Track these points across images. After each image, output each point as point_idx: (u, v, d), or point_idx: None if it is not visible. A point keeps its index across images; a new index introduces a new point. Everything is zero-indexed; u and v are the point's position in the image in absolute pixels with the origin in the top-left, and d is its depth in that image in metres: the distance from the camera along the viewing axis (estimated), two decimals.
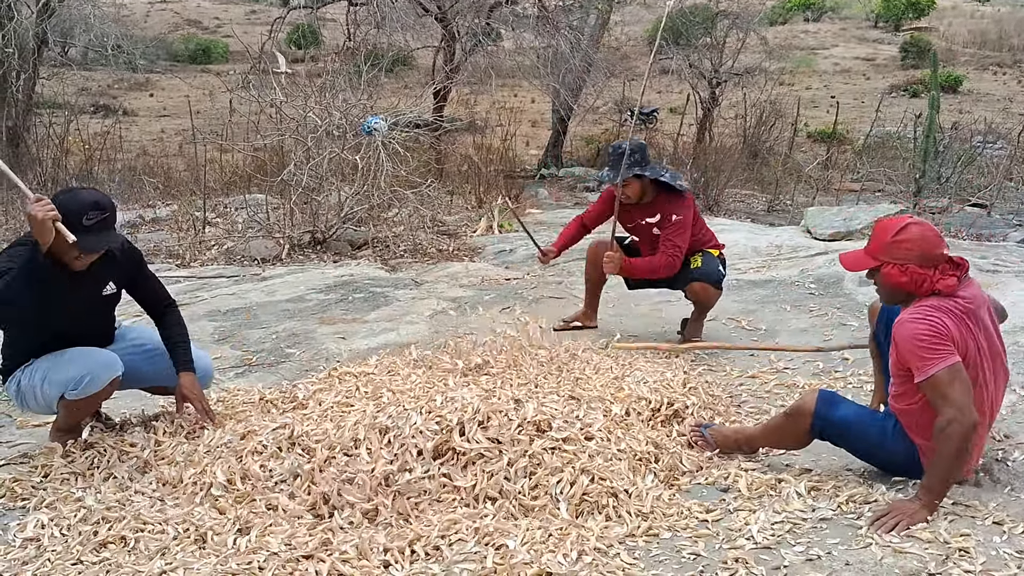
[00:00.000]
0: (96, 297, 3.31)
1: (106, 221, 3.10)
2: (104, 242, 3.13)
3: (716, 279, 4.52)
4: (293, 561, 2.49)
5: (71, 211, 2.98)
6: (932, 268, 2.77)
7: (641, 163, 4.41)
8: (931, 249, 2.79)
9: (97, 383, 3.17)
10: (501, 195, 4.57)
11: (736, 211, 10.77)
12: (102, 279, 3.30)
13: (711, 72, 15.28)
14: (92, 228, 3.04)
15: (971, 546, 2.54)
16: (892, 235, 2.82)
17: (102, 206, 3.09)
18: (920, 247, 2.78)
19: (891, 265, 2.82)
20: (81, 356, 3.21)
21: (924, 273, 2.77)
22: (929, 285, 2.77)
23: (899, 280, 2.81)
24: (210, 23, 31.55)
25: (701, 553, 2.58)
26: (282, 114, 8.17)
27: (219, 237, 7.87)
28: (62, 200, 3.03)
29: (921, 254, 2.78)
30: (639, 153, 4.39)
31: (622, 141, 4.55)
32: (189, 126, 10.32)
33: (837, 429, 3.00)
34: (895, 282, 2.82)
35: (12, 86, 10.71)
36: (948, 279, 2.77)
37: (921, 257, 2.78)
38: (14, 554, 2.63)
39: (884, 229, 2.87)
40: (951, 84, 23.06)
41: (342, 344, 4.73)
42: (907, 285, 2.80)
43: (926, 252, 2.78)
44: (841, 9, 36.96)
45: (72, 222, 2.96)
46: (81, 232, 2.99)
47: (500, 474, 2.86)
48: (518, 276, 6.44)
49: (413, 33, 13.07)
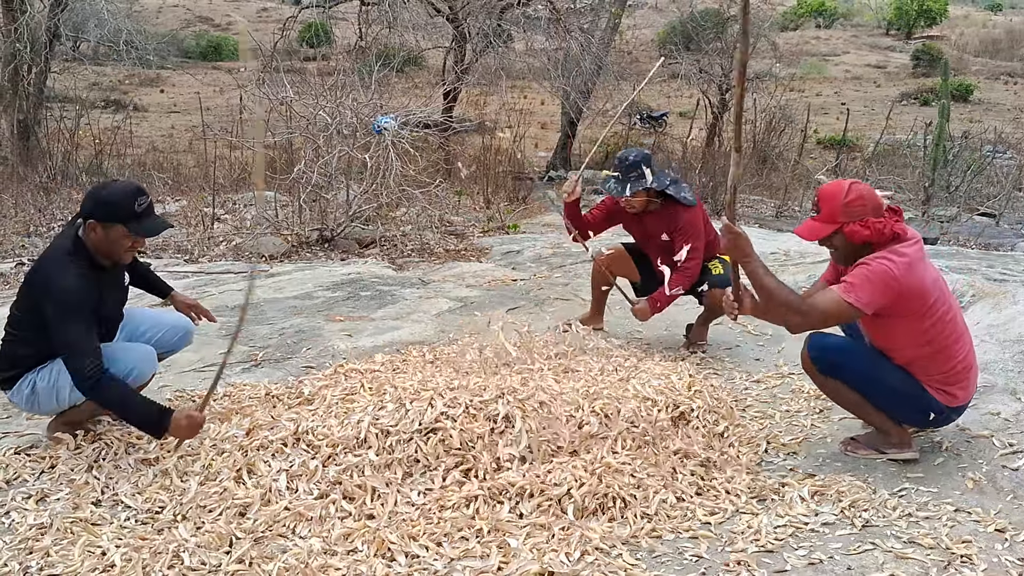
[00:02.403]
0: (123, 289, 3.38)
1: (152, 205, 3.16)
2: (161, 225, 3.21)
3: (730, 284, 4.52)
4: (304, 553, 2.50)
5: (122, 203, 3.04)
6: (883, 216, 2.98)
7: (645, 175, 4.39)
8: (876, 200, 3.00)
9: (142, 377, 3.22)
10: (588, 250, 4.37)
11: (744, 216, 10.77)
12: (122, 270, 3.35)
13: (721, 77, 15.28)
14: (144, 213, 3.10)
15: (973, 553, 2.55)
16: (844, 198, 2.99)
17: (144, 191, 3.15)
18: (870, 201, 2.99)
19: (853, 223, 2.97)
20: (121, 352, 3.22)
21: (882, 221, 2.96)
22: (890, 230, 2.96)
23: (863, 235, 2.97)
24: (221, 20, 31.66)
25: (703, 555, 2.59)
26: (292, 111, 8.21)
27: (228, 233, 7.89)
28: (106, 195, 3.07)
29: (873, 207, 2.98)
30: (645, 164, 4.38)
31: (629, 150, 4.53)
32: (199, 122, 10.36)
33: (835, 355, 3.13)
34: (860, 238, 2.98)
35: (24, 80, 10.75)
36: (900, 223, 3.00)
37: (874, 209, 2.98)
38: (23, 541, 2.65)
39: (831, 195, 3.03)
40: (962, 93, 23.04)
41: (348, 341, 4.75)
42: (871, 236, 2.96)
43: (875, 204, 2.99)
44: (853, 16, 36.93)
45: (126, 212, 3.03)
46: (134, 220, 3.06)
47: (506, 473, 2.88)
48: (525, 277, 6.44)
49: (424, 33, 13.11)
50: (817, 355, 3.18)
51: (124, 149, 11.67)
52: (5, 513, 2.83)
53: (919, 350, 3.04)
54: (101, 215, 3.02)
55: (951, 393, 3.09)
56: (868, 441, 3.26)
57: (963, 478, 3.05)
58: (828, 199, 3.03)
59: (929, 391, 3.07)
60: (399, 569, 2.49)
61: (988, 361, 3.99)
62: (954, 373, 3.07)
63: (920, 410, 3.11)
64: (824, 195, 3.06)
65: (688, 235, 4.39)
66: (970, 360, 3.12)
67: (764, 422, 3.59)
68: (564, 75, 12.51)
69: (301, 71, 10.67)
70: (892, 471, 3.12)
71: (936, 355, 3.04)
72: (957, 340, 3.07)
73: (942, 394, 3.08)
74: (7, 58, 10.67)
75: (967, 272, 5.63)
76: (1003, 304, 4.83)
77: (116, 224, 3.04)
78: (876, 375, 3.10)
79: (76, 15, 12.62)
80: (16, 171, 9.40)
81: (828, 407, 3.72)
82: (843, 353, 3.18)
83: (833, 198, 3.02)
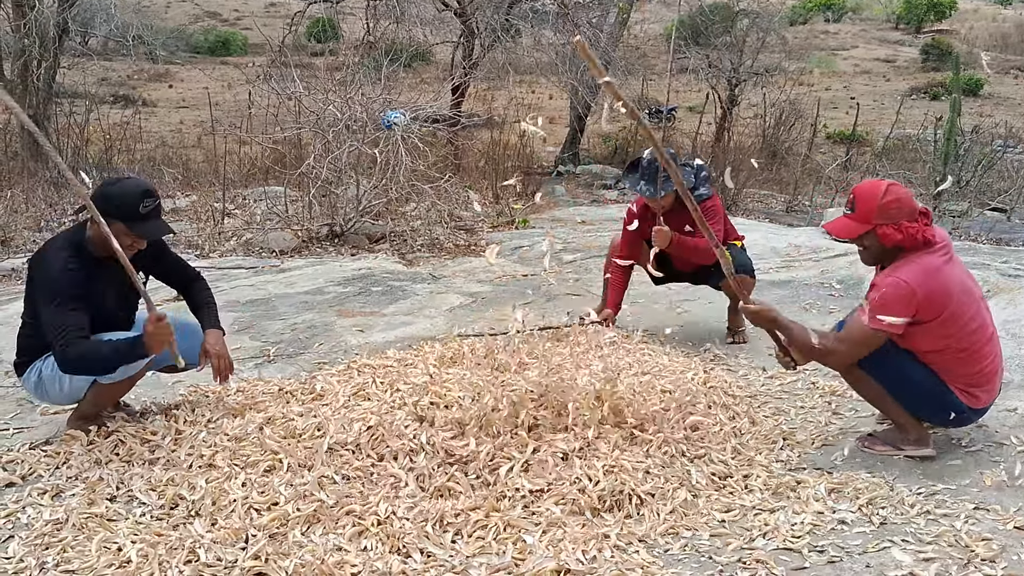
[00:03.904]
0: (128, 286, 3.30)
1: (159, 207, 3.19)
2: (163, 229, 3.21)
3: (750, 269, 4.60)
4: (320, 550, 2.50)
5: (127, 201, 3.07)
6: (916, 221, 2.97)
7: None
8: (912, 204, 2.99)
9: (133, 367, 3.19)
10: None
11: (755, 211, 10.74)
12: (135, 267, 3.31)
13: (730, 71, 15.21)
14: (149, 215, 3.13)
15: (992, 551, 2.53)
16: (881, 198, 2.97)
17: (153, 193, 3.17)
18: (906, 204, 2.97)
19: (886, 226, 2.96)
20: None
21: (915, 227, 2.95)
22: (922, 236, 2.95)
23: (895, 238, 2.96)
24: (229, 15, 31.67)
25: (721, 552, 2.58)
26: (301, 107, 8.20)
27: (237, 228, 7.90)
28: (113, 191, 3.09)
29: (908, 210, 2.96)
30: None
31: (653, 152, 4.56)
32: (208, 117, 10.36)
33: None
34: (892, 241, 2.97)
35: (33, 75, 10.76)
36: (930, 228, 2.99)
37: (909, 213, 2.96)
38: (39, 537, 2.65)
39: (868, 194, 3.01)
40: (972, 87, 22.91)
41: (360, 337, 4.74)
42: (903, 241, 2.96)
43: (910, 207, 2.97)
44: (862, 10, 36.75)
45: (129, 211, 3.06)
46: (139, 220, 3.09)
47: (516, 470, 2.87)
48: (535, 272, 6.43)
49: (432, 28, 13.08)
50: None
51: (134, 144, 11.68)
52: (21, 509, 2.83)
53: (944, 353, 3.01)
54: (105, 210, 3.00)
55: (974, 395, 3.06)
56: (886, 438, 3.24)
57: (981, 475, 3.02)
58: (864, 199, 3.02)
59: (953, 391, 3.04)
60: (415, 566, 2.48)
61: (1004, 357, 3.92)
62: (980, 375, 3.05)
63: (942, 408, 3.08)
64: (861, 194, 3.05)
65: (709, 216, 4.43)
66: (997, 364, 3.09)
67: (779, 418, 3.57)
68: (572, 70, 12.47)
69: (309, 66, 10.66)
70: (909, 468, 3.10)
71: (962, 358, 3.02)
72: (986, 343, 3.04)
73: (966, 395, 3.05)
74: (17, 53, 10.68)
75: (981, 268, 5.60)
76: (1018, 300, 4.80)
77: (117, 221, 3.03)
78: (900, 370, 3.07)
79: (85, 11, 12.63)
80: (27, 166, 9.43)
81: (843, 403, 3.71)
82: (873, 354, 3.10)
83: (870, 198, 3.00)
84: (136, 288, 2.99)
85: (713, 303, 5.07)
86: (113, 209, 3.04)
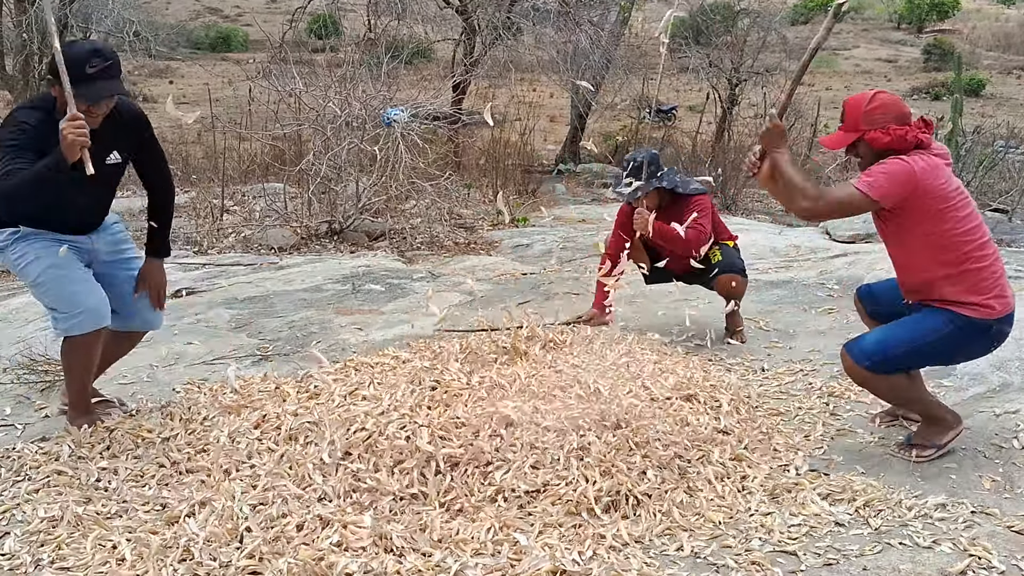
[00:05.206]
0: (99, 165, 3.07)
1: (110, 69, 2.97)
2: (109, 89, 2.98)
3: (741, 268, 4.61)
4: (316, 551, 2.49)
5: (72, 62, 2.86)
6: (907, 124, 3.00)
7: (656, 175, 4.48)
8: (902, 108, 3.05)
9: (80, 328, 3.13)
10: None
11: (754, 211, 10.72)
12: (107, 144, 3.16)
13: (731, 71, 15.19)
14: (96, 76, 2.92)
15: (991, 554, 2.52)
16: (866, 105, 3.05)
17: (104, 54, 2.97)
18: (893, 108, 3.03)
19: (874, 131, 3.02)
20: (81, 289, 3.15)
21: (904, 129, 2.99)
22: (913, 137, 2.98)
23: (884, 141, 3.00)
24: (230, 11, 31.65)
25: (717, 554, 2.57)
26: (301, 103, 8.19)
27: (236, 225, 7.89)
28: (64, 51, 2.89)
29: (896, 114, 3.01)
30: (653, 165, 4.46)
31: (636, 152, 4.61)
32: (208, 113, 10.35)
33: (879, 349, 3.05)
34: (881, 144, 3.01)
35: (34, 70, 10.75)
36: (925, 132, 3.01)
37: (897, 117, 3.01)
38: (34, 534, 2.65)
39: (855, 104, 3.09)
40: (974, 88, 22.90)
41: (358, 335, 4.73)
42: (892, 143, 2.99)
43: (899, 112, 3.03)
44: (864, 10, 36.70)
45: (76, 72, 2.85)
46: (84, 82, 2.88)
47: (515, 470, 2.86)
48: (534, 271, 6.42)
49: (433, 25, 13.06)
50: (867, 361, 3.06)
51: None
52: (16, 505, 2.82)
53: (942, 261, 2.98)
54: (54, 71, 2.85)
55: (988, 305, 2.98)
56: (925, 440, 3.17)
57: (980, 478, 3.02)
58: (851, 108, 3.10)
59: (968, 314, 2.98)
60: (409, 566, 2.47)
61: (1004, 359, 3.95)
62: (985, 281, 2.98)
63: (974, 338, 3.03)
64: (848, 104, 3.13)
65: (696, 210, 4.45)
66: (999, 267, 3.05)
67: (776, 419, 3.56)
68: (573, 68, 12.46)
69: (310, 63, 10.64)
70: (907, 471, 3.09)
71: (963, 266, 2.97)
72: (983, 246, 3.00)
73: (980, 310, 2.98)
74: (17, 49, 10.66)
75: None
76: (1018, 302, 4.78)
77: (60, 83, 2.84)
78: (920, 338, 3.02)
79: (85, 6, 12.60)
80: None
81: (840, 405, 3.70)
82: (883, 343, 3.07)
83: (856, 107, 3.08)
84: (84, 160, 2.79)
85: (711, 303, 5.05)
86: (60, 69, 2.83)
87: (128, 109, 3.27)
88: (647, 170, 4.39)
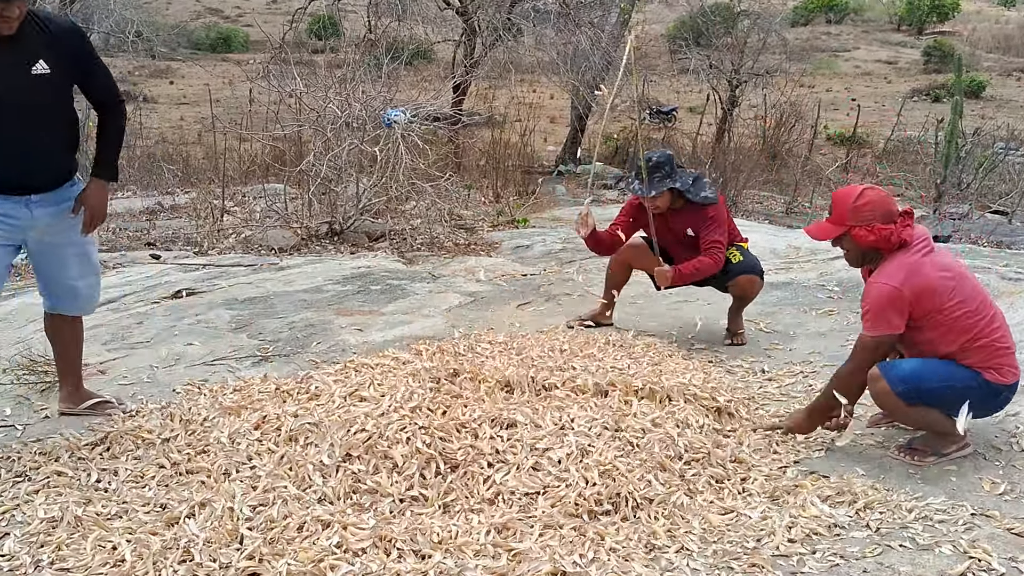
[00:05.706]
0: (23, 74, 2.95)
1: None
2: None
3: (760, 270, 4.66)
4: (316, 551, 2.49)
5: None
6: (893, 223, 3.06)
7: (671, 175, 4.48)
8: (889, 206, 3.10)
9: None
10: None
11: (754, 212, 10.73)
12: (31, 53, 2.98)
13: (731, 72, 15.21)
14: None
15: (991, 557, 2.52)
16: (853, 201, 3.10)
17: None
18: (880, 207, 3.08)
19: (859, 228, 3.08)
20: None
21: (889, 228, 3.05)
22: (896, 238, 3.05)
23: (869, 240, 3.07)
24: (231, 12, 31.66)
25: (718, 556, 2.56)
26: (302, 104, 8.19)
27: (237, 226, 7.89)
28: None
29: (883, 213, 3.07)
30: (668, 165, 4.47)
31: (652, 152, 4.61)
32: (208, 114, 10.36)
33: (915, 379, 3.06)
34: (865, 242, 3.09)
35: None
36: (907, 229, 3.07)
37: (884, 215, 3.06)
38: (34, 535, 2.64)
39: (843, 198, 3.16)
40: (974, 89, 22.90)
41: (359, 336, 4.73)
42: (877, 243, 3.07)
43: (886, 210, 3.08)
44: (864, 11, 36.71)
45: None
46: None
47: (513, 471, 2.86)
48: (535, 272, 6.42)
49: (434, 26, 13.08)
50: (902, 387, 3.06)
51: (134, 140, 11.67)
52: (15, 506, 2.82)
53: (954, 341, 3.05)
54: None
55: (1001, 373, 3.07)
56: (927, 446, 3.18)
57: (980, 481, 3.02)
58: (839, 202, 3.17)
59: (987, 378, 3.06)
60: (409, 567, 2.47)
61: None
62: (995, 351, 3.06)
63: (988, 399, 3.11)
64: (836, 198, 3.21)
65: (713, 228, 4.48)
66: (1008, 340, 3.12)
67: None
68: (573, 69, 12.47)
69: (310, 63, 10.65)
70: (908, 473, 3.09)
71: (979, 341, 3.05)
72: (990, 322, 3.07)
73: (995, 374, 3.07)
74: None
75: (982, 271, 5.58)
76: (1019, 303, 4.79)
77: None
78: (953, 379, 3.07)
79: (86, 7, 12.61)
80: None
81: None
82: (918, 374, 3.08)
83: (843, 201, 3.14)
84: None
85: (712, 304, 5.05)
86: None
87: (59, 22, 3.12)
88: (662, 170, 4.43)
